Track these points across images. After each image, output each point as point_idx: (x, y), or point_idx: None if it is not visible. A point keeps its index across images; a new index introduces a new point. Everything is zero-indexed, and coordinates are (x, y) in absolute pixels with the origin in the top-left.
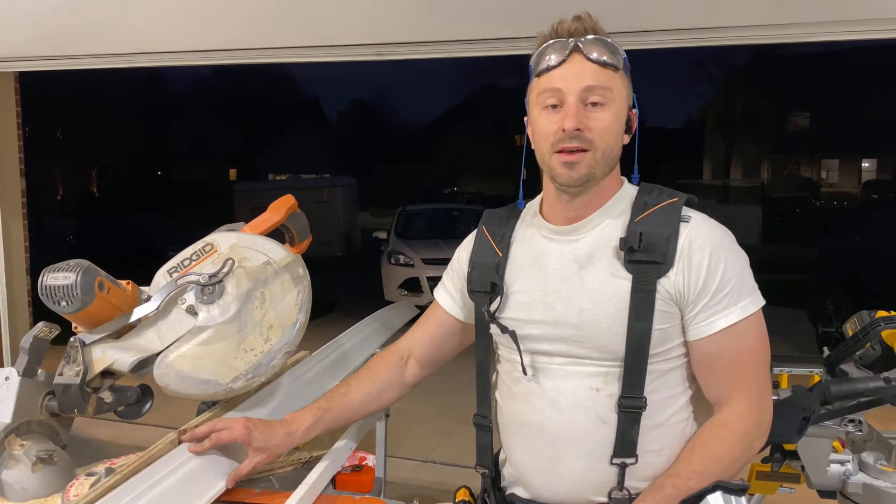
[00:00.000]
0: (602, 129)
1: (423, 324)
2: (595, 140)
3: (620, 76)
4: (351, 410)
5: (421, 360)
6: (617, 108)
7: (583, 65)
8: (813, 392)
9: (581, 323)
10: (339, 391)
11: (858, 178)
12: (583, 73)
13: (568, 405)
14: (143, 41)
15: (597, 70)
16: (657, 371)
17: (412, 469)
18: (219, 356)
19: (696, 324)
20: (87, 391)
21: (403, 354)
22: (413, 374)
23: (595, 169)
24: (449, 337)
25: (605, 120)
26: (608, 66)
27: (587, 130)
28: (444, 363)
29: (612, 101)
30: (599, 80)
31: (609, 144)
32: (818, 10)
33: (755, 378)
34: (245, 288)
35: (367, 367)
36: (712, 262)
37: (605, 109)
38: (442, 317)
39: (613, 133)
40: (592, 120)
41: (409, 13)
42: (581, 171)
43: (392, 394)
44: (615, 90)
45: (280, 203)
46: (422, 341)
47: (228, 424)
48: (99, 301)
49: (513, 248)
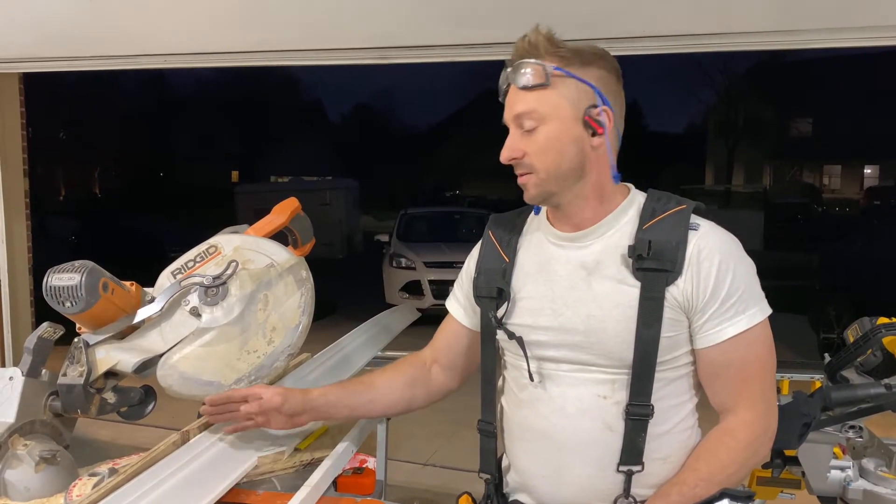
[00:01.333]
0: (536, 151)
1: (439, 335)
2: (534, 163)
3: (553, 91)
4: (374, 390)
5: (445, 366)
6: (552, 125)
7: (514, 94)
8: (814, 398)
9: (588, 329)
10: (364, 374)
11: (861, 185)
12: (514, 103)
13: (575, 412)
14: (147, 43)
15: (524, 95)
16: (664, 379)
17: (412, 472)
18: (222, 358)
19: (704, 332)
20: (91, 392)
21: (427, 360)
22: (439, 379)
23: (545, 188)
24: (466, 347)
25: (537, 142)
26: (534, 88)
27: (525, 156)
28: (469, 371)
29: (544, 119)
30: (527, 105)
31: (550, 163)
32: (820, 17)
33: (762, 386)
34: (248, 290)
35: (391, 364)
36: (721, 270)
37: (537, 131)
38: (455, 328)
39: (552, 150)
40: (528, 144)
41: (414, 17)
42: (531, 193)
43: (418, 392)
44: (544, 109)
45: (284, 206)
46: (441, 350)
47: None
48: (103, 302)
49: (520, 253)
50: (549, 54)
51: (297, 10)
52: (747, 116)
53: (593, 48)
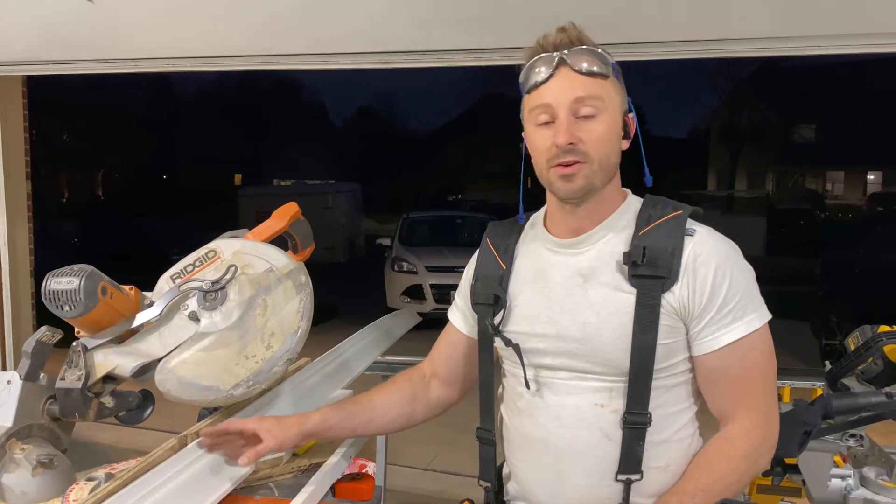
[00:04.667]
0: (595, 139)
1: (438, 345)
2: (590, 152)
3: (612, 83)
4: (373, 409)
5: (443, 380)
6: (610, 116)
7: (571, 77)
8: (814, 406)
9: (585, 337)
10: (362, 394)
11: (864, 191)
12: (571, 86)
13: (572, 420)
14: (149, 46)
15: (585, 81)
16: (662, 386)
17: (412, 477)
18: (220, 363)
19: (701, 339)
20: (89, 396)
21: (426, 373)
22: (438, 393)
23: (593, 179)
24: (465, 356)
25: (597, 131)
26: (597, 76)
27: (580, 143)
28: (469, 384)
29: (604, 110)
30: (589, 91)
31: (604, 154)
32: (821, 23)
33: (761, 394)
34: (247, 295)
35: (390, 380)
36: (717, 276)
37: (596, 120)
38: (455, 336)
39: (608, 142)
40: (585, 132)
41: (415, 22)
42: (579, 183)
43: (418, 407)
44: (606, 99)
45: (283, 210)
46: (440, 361)
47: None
48: (102, 306)
49: (517, 260)
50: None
51: (300, 15)
52: (750, 121)
53: None
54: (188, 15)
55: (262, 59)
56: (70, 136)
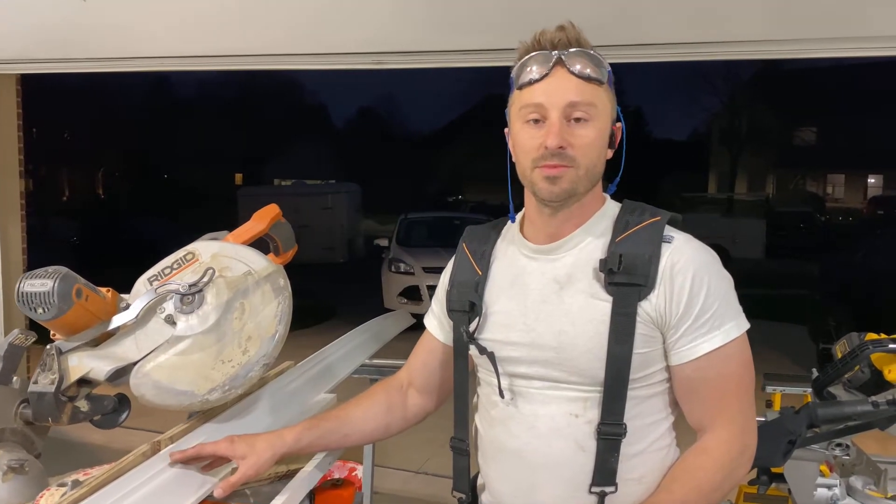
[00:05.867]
0: (585, 145)
1: (415, 353)
2: (577, 157)
3: (605, 90)
4: (348, 424)
5: (421, 389)
6: (601, 123)
7: (566, 79)
8: (799, 415)
9: (560, 345)
10: (337, 408)
11: (864, 194)
12: (566, 88)
13: (546, 431)
14: (141, 45)
15: (581, 85)
16: (638, 397)
17: (404, 480)
18: (196, 367)
19: (678, 348)
20: (63, 400)
21: (403, 383)
22: (415, 403)
23: (577, 185)
24: (442, 364)
25: (588, 137)
26: (592, 81)
27: (570, 147)
28: (446, 392)
29: (596, 116)
30: (583, 96)
31: (592, 161)
32: (819, 27)
33: (739, 404)
34: (225, 298)
35: (366, 392)
36: (695, 284)
37: (588, 126)
38: (432, 344)
39: (596, 150)
40: (575, 136)
41: (410, 23)
42: (563, 186)
43: (394, 418)
44: (599, 105)
45: (264, 212)
46: (416, 369)
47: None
48: (77, 309)
49: (493, 266)
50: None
51: (293, 14)
52: (751, 124)
53: None
54: (181, 15)
55: (254, 58)
56: (71, 134)
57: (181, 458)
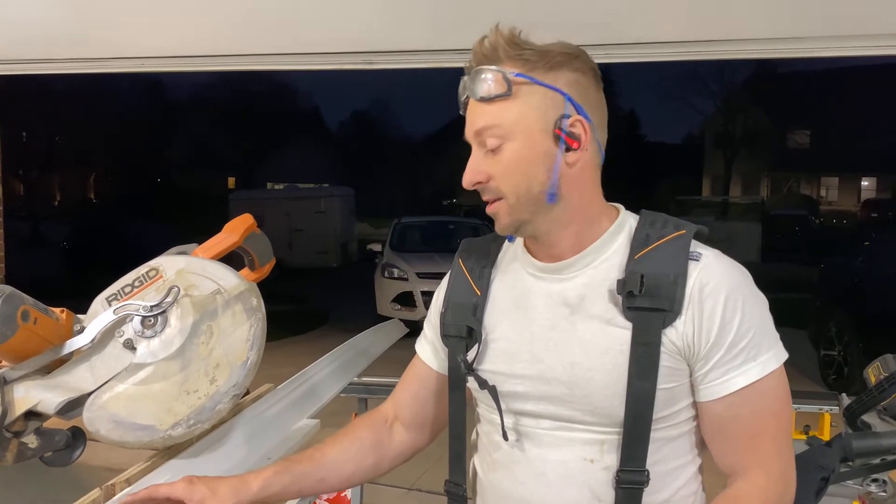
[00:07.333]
0: (501, 173)
1: (404, 382)
2: (500, 187)
3: (516, 101)
4: (324, 467)
5: (407, 424)
6: (517, 142)
7: (474, 107)
8: (832, 448)
9: (572, 380)
10: (312, 448)
11: (858, 197)
12: (473, 117)
13: (557, 478)
14: (124, 46)
15: (484, 108)
16: (662, 439)
17: (396, 498)
18: (158, 398)
19: (708, 382)
20: (7, 436)
21: (388, 416)
22: (401, 439)
23: (517, 215)
24: (436, 395)
25: (501, 162)
26: (495, 100)
27: (490, 180)
28: (440, 426)
29: (507, 135)
30: (486, 120)
31: (516, 186)
32: (822, 25)
33: (776, 445)
34: (190, 320)
35: (345, 428)
36: (728, 309)
37: (501, 150)
38: (423, 372)
39: (518, 172)
40: (492, 165)
41: (400, 22)
42: (504, 221)
43: (378, 458)
44: (506, 123)
45: (236, 223)
46: (404, 403)
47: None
48: (23, 333)
49: (493, 286)
50: (509, 58)
51: (281, 14)
52: (745, 127)
53: (564, 47)
54: (165, 14)
55: (242, 58)
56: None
57: (134, 501)
